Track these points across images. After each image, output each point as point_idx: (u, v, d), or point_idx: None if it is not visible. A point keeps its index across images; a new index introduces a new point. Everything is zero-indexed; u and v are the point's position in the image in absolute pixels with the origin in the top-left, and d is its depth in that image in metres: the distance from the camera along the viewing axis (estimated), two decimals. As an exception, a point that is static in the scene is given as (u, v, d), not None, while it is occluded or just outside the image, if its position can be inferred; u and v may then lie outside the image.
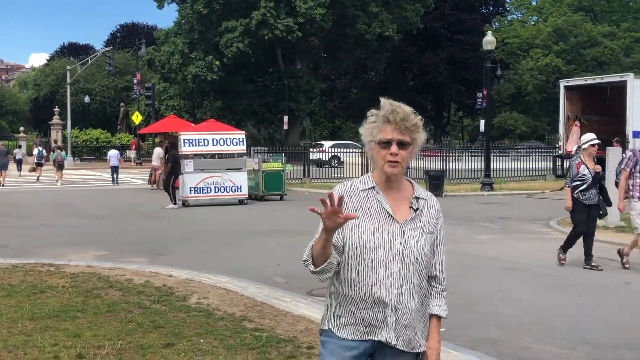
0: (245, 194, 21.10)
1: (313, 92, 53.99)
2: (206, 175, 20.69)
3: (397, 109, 2.87)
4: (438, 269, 2.97)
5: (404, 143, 2.84)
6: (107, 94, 73.40)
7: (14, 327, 6.48)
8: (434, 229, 2.94)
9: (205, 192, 20.65)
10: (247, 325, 6.67)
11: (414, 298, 2.86)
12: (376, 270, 2.81)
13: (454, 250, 11.97)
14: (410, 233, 2.85)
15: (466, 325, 7.23)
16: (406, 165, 2.94)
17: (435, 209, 2.97)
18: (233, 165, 21.42)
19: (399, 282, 2.81)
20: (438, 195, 22.98)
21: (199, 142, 20.90)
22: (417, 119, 2.90)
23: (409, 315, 2.84)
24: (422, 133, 2.91)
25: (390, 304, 2.80)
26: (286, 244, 12.89)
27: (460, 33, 61.88)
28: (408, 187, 2.95)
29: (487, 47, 26.60)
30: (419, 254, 2.85)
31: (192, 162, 20.73)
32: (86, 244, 12.78)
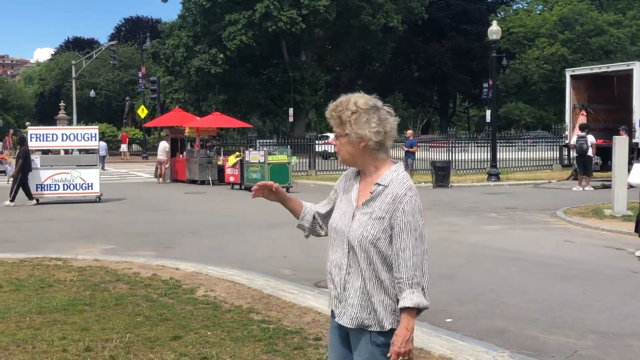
0: (98, 192, 19.92)
1: (318, 84, 53.89)
2: (54, 172, 19.70)
3: (333, 102, 3.07)
4: (394, 259, 2.90)
5: (336, 134, 3.06)
6: (112, 88, 73.57)
7: (22, 321, 6.51)
8: (385, 215, 2.91)
9: (54, 190, 19.61)
10: (254, 317, 6.70)
11: (363, 281, 2.95)
12: (334, 249, 3.09)
13: (460, 241, 11.99)
14: (358, 217, 2.99)
15: (473, 315, 7.24)
16: (346, 154, 3.03)
17: (392, 196, 2.91)
18: (85, 162, 20.57)
19: (347, 263, 3.00)
20: (444, 186, 22.97)
21: (47, 137, 19.86)
22: (340, 113, 2.99)
23: (355, 294, 2.97)
24: (354, 126, 2.95)
25: (340, 283, 3.03)
26: (292, 236, 12.87)
27: (466, 23, 61.68)
28: (382, 173, 3.00)
29: (492, 36, 26.51)
30: (361, 239, 2.93)
31: (39, 158, 19.80)
32: (93, 238, 12.83)
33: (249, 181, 23.35)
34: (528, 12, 66.33)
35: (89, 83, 70.84)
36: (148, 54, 55.43)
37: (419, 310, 2.91)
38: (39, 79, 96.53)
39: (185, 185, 25.89)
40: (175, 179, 27.85)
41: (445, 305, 7.36)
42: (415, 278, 2.88)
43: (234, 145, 35.10)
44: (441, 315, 6.95)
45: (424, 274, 2.90)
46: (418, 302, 2.86)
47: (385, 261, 2.93)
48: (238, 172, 24.28)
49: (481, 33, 52.93)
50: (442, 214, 15.65)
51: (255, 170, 22.92)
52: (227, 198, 21.61)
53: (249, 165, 23.34)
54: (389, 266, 2.93)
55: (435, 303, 3.18)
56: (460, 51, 61.43)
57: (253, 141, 30.65)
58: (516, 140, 36.58)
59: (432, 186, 22.62)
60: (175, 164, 28.10)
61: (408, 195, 2.92)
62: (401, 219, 2.89)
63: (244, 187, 23.75)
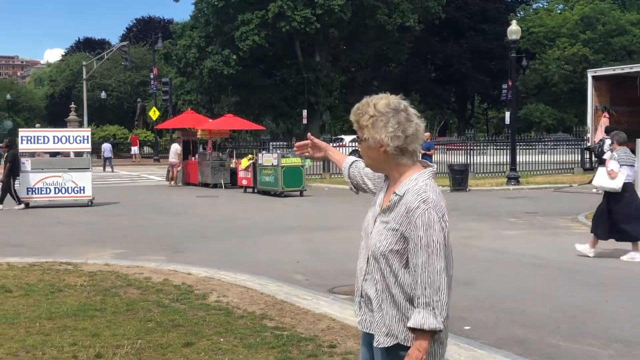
0: (90, 196, 19.80)
1: (333, 85, 53.85)
2: (45, 175, 19.58)
3: (356, 105, 3.05)
4: (412, 275, 2.80)
5: (358, 138, 3.03)
6: (124, 90, 73.95)
7: (32, 326, 6.55)
8: (399, 228, 2.82)
9: (45, 193, 19.51)
10: (268, 324, 6.70)
11: (375, 292, 2.92)
12: (361, 250, 3.08)
13: (478, 246, 11.94)
14: (377, 225, 2.96)
15: (492, 323, 7.20)
16: (369, 159, 3.02)
17: (405, 208, 2.82)
18: (77, 165, 20.40)
19: (366, 269, 2.99)
20: (462, 190, 22.90)
21: (38, 140, 19.81)
22: (359, 117, 2.97)
23: (370, 303, 2.96)
24: (371, 130, 2.90)
25: (359, 287, 3.04)
26: (306, 241, 12.91)
27: (484, 22, 61.47)
28: (403, 181, 2.92)
29: (511, 36, 26.40)
30: (374, 249, 2.89)
31: (30, 161, 19.78)
32: (104, 242, 12.89)
33: (262, 185, 23.39)
34: (548, 11, 65.99)
35: (100, 84, 71.27)
36: (160, 55, 55.67)
37: (432, 333, 2.78)
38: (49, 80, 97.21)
39: (197, 189, 25.97)
40: (187, 182, 27.94)
41: (464, 313, 7.33)
42: (423, 297, 2.75)
43: (247, 148, 35.24)
44: (459, 323, 6.92)
45: (438, 294, 2.76)
46: (422, 322, 2.74)
47: (397, 276, 2.84)
48: (251, 176, 24.32)
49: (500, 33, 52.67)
50: (460, 219, 15.60)
51: (269, 174, 22.95)
52: (240, 202, 21.65)
53: (262, 168, 23.37)
54: (401, 282, 2.83)
55: (453, 310, 3.12)
56: (478, 51, 61.20)
57: (266, 143, 30.74)
58: (536, 143, 36.38)
59: (449, 190, 22.56)
60: (187, 166, 28.21)
61: (421, 208, 2.78)
62: (414, 234, 2.78)
63: (256, 191, 23.79)
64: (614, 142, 11.36)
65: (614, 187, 10.68)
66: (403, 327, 2.85)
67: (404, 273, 2.84)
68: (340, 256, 10.88)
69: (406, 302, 2.85)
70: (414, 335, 2.81)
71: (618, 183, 10.62)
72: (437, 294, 2.76)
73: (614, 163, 10.70)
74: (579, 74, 51.96)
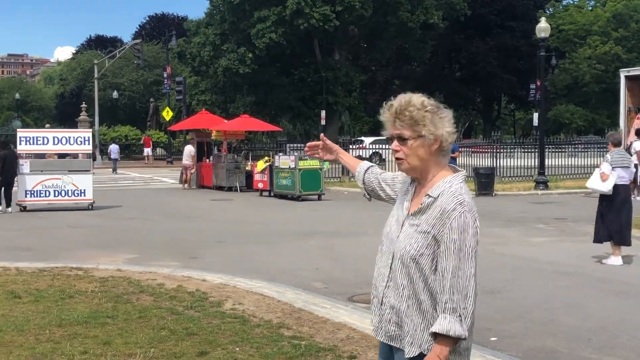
0: (91, 199, 19.69)
1: (352, 85, 53.87)
2: (45, 177, 19.48)
3: (394, 102, 2.97)
4: (439, 280, 2.80)
5: (403, 138, 2.93)
6: (136, 89, 74.39)
7: (42, 334, 6.60)
8: (431, 230, 2.83)
9: (44, 196, 19.45)
10: (285, 333, 6.71)
11: (400, 298, 2.91)
12: (381, 258, 3.06)
13: (505, 253, 11.89)
14: (406, 228, 2.94)
15: (520, 333, 7.16)
16: (415, 160, 2.93)
17: (440, 210, 2.82)
18: (77, 167, 20.37)
19: (389, 275, 2.97)
20: (487, 194, 22.80)
21: (37, 140, 19.70)
22: (413, 112, 2.90)
23: (391, 311, 2.95)
24: (430, 126, 2.89)
25: (380, 294, 3.02)
26: (324, 247, 12.92)
27: (512, 19, 61.23)
28: (436, 182, 2.93)
29: (540, 34, 26.27)
30: (404, 252, 2.88)
31: (29, 163, 19.65)
32: (115, 247, 12.97)
33: (279, 188, 23.43)
34: (579, 8, 65.64)
35: (111, 83, 71.73)
36: (174, 53, 55.97)
37: (455, 340, 2.77)
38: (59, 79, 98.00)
39: (211, 192, 26.06)
40: (201, 185, 28.05)
41: (490, 323, 7.30)
42: (450, 303, 2.75)
43: (263, 150, 35.34)
44: (485, 334, 6.89)
45: (466, 300, 2.76)
46: (448, 329, 2.74)
47: (427, 281, 2.84)
48: (267, 178, 24.36)
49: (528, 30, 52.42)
50: (486, 225, 15.51)
51: (286, 177, 22.99)
52: (256, 206, 21.70)
53: (279, 171, 23.42)
54: (430, 287, 2.84)
55: (478, 320, 3.11)
56: (505, 49, 60.98)
57: (283, 145, 30.78)
58: (566, 146, 36.15)
59: (474, 194, 22.46)
60: (202, 169, 28.31)
61: (457, 210, 2.80)
62: (447, 237, 2.79)
63: (273, 194, 23.83)
64: (609, 144, 11.70)
65: (603, 190, 11.01)
66: (428, 336, 2.85)
67: (433, 278, 2.84)
68: (360, 263, 10.87)
69: (433, 310, 2.85)
70: (434, 341, 2.81)
71: (608, 186, 10.91)
72: (465, 301, 2.77)
73: (606, 165, 11.00)
74: (611, 73, 51.59)
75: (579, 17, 61.29)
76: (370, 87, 67.71)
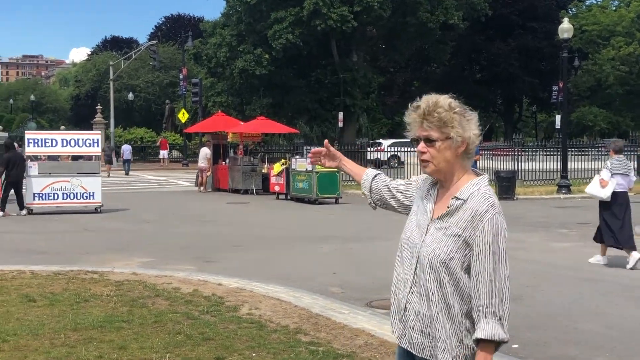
0: (99, 202, 19.75)
1: (370, 87, 53.82)
2: (53, 180, 19.46)
3: (421, 103, 2.97)
4: (473, 284, 2.81)
5: (430, 139, 2.93)
6: (152, 91, 74.72)
7: (57, 338, 6.64)
8: (462, 233, 2.83)
9: (52, 199, 19.41)
10: (302, 339, 6.71)
11: (428, 304, 2.89)
12: (402, 263, 3.04)
13: (527, 259, 11.82)
14: (432, 231, 2.92)
15: (542, 341, 7.12)
16: (442, 162, 2.93)
17: (471, 212, 2.83)
18: (86, 170, 20.38)
19: (413, 281, 2.95)
20: (509, 198, 22.71)
21: (45, 143, 19.73)
22: (441, 113, 2.90)
23: (416, 318, 2.93)
24: (458, 128, 2.90)
25: (402, 301, 3.00)
26: (342, 251, 12.91)
27: (533, 20, 60.94)
28: (462, 185, 2.94)
29: (563, 35, 26.16)
30: (432, 257, 2.86)
31: (37, 165, 19.73)
32: (131, 250, 13.04)
33: (295, 191, 23.45)
34: (602, 8, 65.21)
35: (127, 85, 72.11)
36: (189, 55, 56.19)
37: (497, 344, 2.80)
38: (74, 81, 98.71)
39: (227, 195, 26.13)
40: (217, 188, 28.13)
41: (512, 330, 7.22)
42: (491, 307, 2.77)
43: (280, 152, 35.36)
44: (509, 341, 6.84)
45: (503, 303, 2.79)
46: (493, 333, 2.76)
47: (457, 285, 2.84)
48: (284, 181, 24.40)
49: (550, 31, 52.12)
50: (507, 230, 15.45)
51: (302, 180, 23.01)
52: (272, 209, 21.74)
53: (296, 174, 23.44)
54: (460, 291, 2.84)
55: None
56: (527, 51, 60.68)
57: (300, 148, 30.74)
58: (589, 149, 35.90)
59: (495, 198, 22.33)
60: (217, 171, 28.40)
61: (490, 212, 2.82)
62: (480, 240, 2.80)
63: (289, 198, 23.86)
64: (610, 150, 12.07)
65: (601, 197, 11.33)
66: (456, 342, 2.85)
67: (465, 282, 2.84)
68: (378, 268, 10.85)
69: (462, 315, 2.84)
70: (477, 347, 2.80)
71: (607, 192, 11.24)
72: (502, 304, 2.80)
73: (605, 172, 11.35)
74: (636, 75, 51.26)
75: (603, 18, 60.89)
76: (389, 88, 67.62)
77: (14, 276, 9.65)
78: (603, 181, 11.30)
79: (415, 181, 3.21)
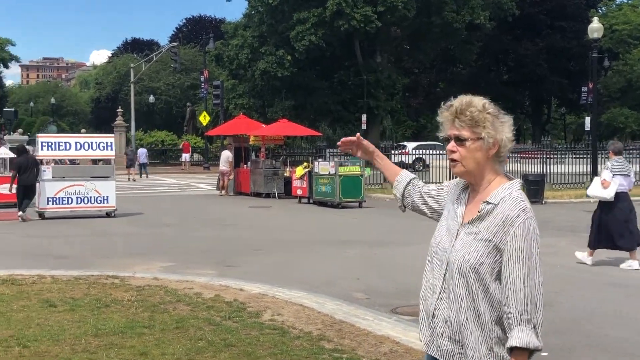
0: (113, 206, 19.81)
1: (395, 88, 53.79)
2: (67, 184, 19.47)
3: (454, 102, 2.96)
4: (504, 291, 2.78)
5: (460, 139, 2.92)
6: (173, 93, 75.20)
7: (78, 344, 6.70)
8: (492, 238, 2.81)
9: (66, 203, 19.40)
10: (326, 346, 6.71)
11: (457, 310, 2.87)
12: (431, 269, 3.02)
13: (555, 264, 11.74)
14: (462, 236, 2.90)
15: (569, 347, 7.08)
16: (471, 163, 2.92)
17: (502, 217, 2.80)
18: (100, 173, 20.50)
19: (442, 287, 2.93)
20: (537, 202, 22.57)
21: (59, 146, 19.79)
22: (474, 113, 2.89)
23: (445, 324, 2.91)
24: (490, 129, 2.88)
25: (430, 307, 2.97)
26: (366, 256, 12.90)
27: (562, 19, 60.58)
28: (493, 189, 2.92)
29: (593, 35, 25.99)
30: (462, 262, 2.85)
31: (51, 169, 19.72)
32: (151, 255, 13.12)
33: (318, 195, 23.47)
34: (633, 7, 64.68)
35: (148, 87, 72.64)
36: (211, 56, 56.46)
37: (531, 352, 2.76)
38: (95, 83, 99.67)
39: (249, 199, 26.21)
40: (238, 192, 28.22)
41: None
42: (525, 314, 2.74)
43: (302, 155, 35.37)
44: (535, 348, 6.81)
45: (537, 310, 2.76)
46: (527, 341, 2.72)
47: (487, 291, 2.81)
48: (306, 185, 24.43)
49: (580, 31, 51.87)
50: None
51: (325, 183, 23.02)
52: (294, 213, 21.77)
53: (318, 178, 23.46)
54: (490, 297, 2.82)
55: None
56: (555, 51, 60.34)
57: (322, 151, 30.78)
58: (620, 151, 35.54)
59: (523, 202, 22.19)
60: (239, 175, 28.50)
61: (521, 217, 2.79)
62: (512, 245, 2.77)
63: (312, 201, 23.88)
64: (610, 152, 12.35)
65: (605, 197, 11.61)
66: (486, 350, 2.83)
67: (495, 288, 2.82)
68: (403, 273, 10.84)
69: (492, 322, 2.82)
70: (510, 355, 2.78)
71: (610, 192, 11.53)
72: (536, 311, 2.77)
73: (607, 172, 11.68)
74: (669, 75, 50.72)
75: (633, 17, 60.39)
76: (413, 90, 67.51)
77: (34, 281, 9.74)
78: (605, 182, 11.59)
79: (447, 186, 3.20)
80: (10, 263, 11.64)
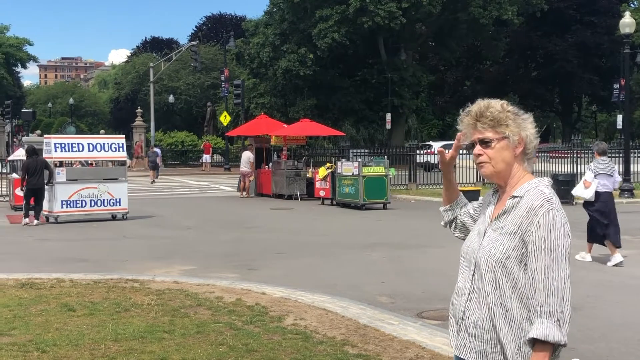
0: (125, 209, 19.93)
1: (420, 86, 53.72)
2: (81, 187, 19.49)
3: (472, 107, 3.01)
4: (530, 282, 2.77)
5: (485, 141, 2.96)
6: (193, 93, 75.44)
7: (97, 348, 6.74)
8: (517, 230, 2.82)
9: (80, 206, 19.41)
10: (350, 351, 6.70)
11: (486, 308, 2.87)
12: (462, 273, 3.05)
13: (587, 267, 11.67)
14: (489, 233, 2.94)
15: (604, 354, 7.01)
16: (500, 163, 2.94)
17: (526, 207, 2.82)
18: (111, 175, 20.54)
19: (471, 287, 2.95)
20: (567, 202, 22.39)
21: (72, 147, 19.82)
22: (494, 113, 2.93)
23: (474, 325, 2.91)
24: (513, 126, 2.92)
25: (459, 310, 3.00)
26: (391, 259, 12.87)
27: (592, 14, 60.10)
28: (521, 184, 2.95)
29: (624, 30, 25.76)
30: (488, 257, 2.86)
31: (65, 171, 19.65)
32: (172, 258, 13.17)
33: (341, 196, 23.45)
34: (667, 0, 64.12)
35: (167, 87, 72.94)
36: (231, 55, 56.67)
37: (555, 348, 2.73)
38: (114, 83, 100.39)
39: (270, 200, 26.26)
40: (260, 193, 28.29)
41: (572, 343, 7.11)
42: (546, 306, 2.71)
43: (325, 156, 35.41)
44: (567, 354, 6.72)
45: (563, 302, 2.72)
46: (547, 333, 2.68)
47: (515, 286, 2.80)
48: (329, 186, 24.42)
49: (611, 26, 51.41)
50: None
51: (349, 184, 23.00)
52: (317, 215, 21.77)
53: (342, 178, 23.44)
54: (519, 292, 2.80)
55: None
56: (586, 47, 59.86)
57: (346, 151, 30.75)
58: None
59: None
60: (260, 176, 28.56)
61: (545, 207, 2.79)
62: (535, 235, 2.77)
63: (335, 203, 23.87)
64: (594, 152, 12.93)
65: (585, 197, 12.31)
66: (515, 348, 2.80)
67: (523, 283, 2.80)
68: (429, 277, 10.80)
69: (521, 320, 2.79)
70: (532, 349, 2.75)
71: (589, 192, 12.19)
72: (562, 304, 2.73)
73: (589, 173, 12.32)
74: None
75: (667, 11, 59.78)
76: (439, 88, 67.30)
77: (53, 285, 9.82)
78: (586, 182, 12.26)
79: (481, 199, 3.25)
80: (28, 267, 11.76)
